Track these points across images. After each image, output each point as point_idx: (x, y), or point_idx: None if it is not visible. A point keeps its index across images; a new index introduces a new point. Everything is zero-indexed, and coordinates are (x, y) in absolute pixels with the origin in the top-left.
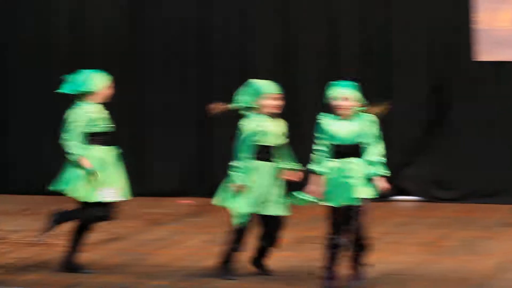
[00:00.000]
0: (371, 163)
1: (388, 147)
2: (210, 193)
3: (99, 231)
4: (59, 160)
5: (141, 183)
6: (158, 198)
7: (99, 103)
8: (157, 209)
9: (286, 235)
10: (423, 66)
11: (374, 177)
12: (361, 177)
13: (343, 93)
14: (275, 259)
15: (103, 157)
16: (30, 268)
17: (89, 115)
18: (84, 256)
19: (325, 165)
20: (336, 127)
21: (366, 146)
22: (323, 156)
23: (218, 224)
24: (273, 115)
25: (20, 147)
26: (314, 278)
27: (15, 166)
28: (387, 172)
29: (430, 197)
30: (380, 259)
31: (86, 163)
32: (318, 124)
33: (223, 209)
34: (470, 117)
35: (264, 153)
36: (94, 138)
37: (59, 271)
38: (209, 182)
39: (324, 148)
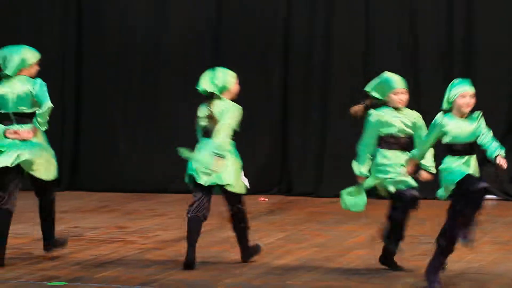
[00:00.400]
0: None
1: None
2: (286, 191)
3: (174, 229)
4: (131, 157)
5: None
6: None
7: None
8: None
9: (364, 233)
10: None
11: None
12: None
13: (471, 90)
14: (353, 256)
15: None
16: (107, 265)
17: None
18: (158, 253)
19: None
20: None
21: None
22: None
23: (292, 221)
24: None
25: (92, 145)
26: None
27: (87, 163)
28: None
29: (508, 196)
30: (458, 257)
31: None
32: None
33: (297, 206)
34: None
35: (391, 144)
36: None
37: None
38: (285, 179)
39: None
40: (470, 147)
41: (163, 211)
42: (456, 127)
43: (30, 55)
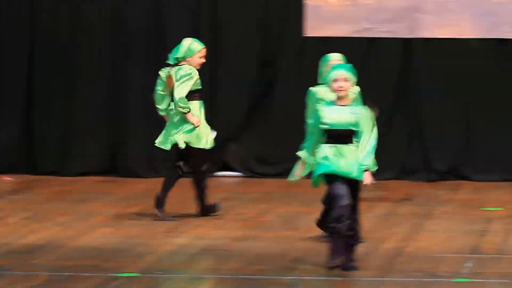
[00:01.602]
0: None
1: (214, 123)
2: (30, 170)
3: None
4: None
5: None
6: None
7: None
8: None
9: (107, 212)
10: (251, 41)
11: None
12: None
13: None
14: (96, 236)
15: None
16: None
17: None
18: None
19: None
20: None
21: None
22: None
23: (37, 200)
24: None
25: None
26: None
27: None
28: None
29: (252, 173)
30: (201, 234)
31: None
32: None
33: (41, 185)
34: (296, 93)
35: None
36: None
37: None
38: (29, 158)
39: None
40: (346, 136)
41: None
42: (331, 114)
43: None
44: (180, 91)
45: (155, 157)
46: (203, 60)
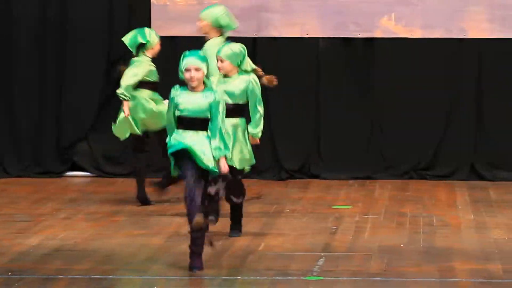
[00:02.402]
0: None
1: (63, 122)
2: None
3: None
4: None
5: None
6: None
7: None
8: None
9: None
10: (99, 40)
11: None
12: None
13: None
14: None
15: None
16: None
17: None
18: None
19: None
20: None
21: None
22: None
23: None
24: None
25: None
26: None
27: None
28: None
29: (102, 172)
30: (52, 235)
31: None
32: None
33: None
34: None
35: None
36: None
37: None
38: None
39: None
40: (198, 123)
41: None
42: (185, 100)
43: None
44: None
45: (3, 156)
46: None
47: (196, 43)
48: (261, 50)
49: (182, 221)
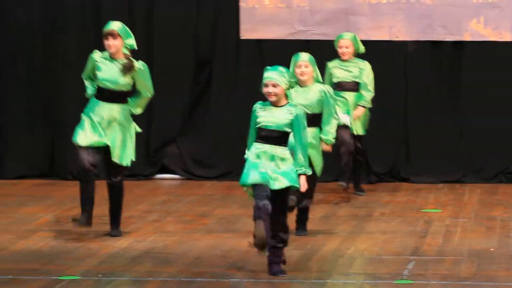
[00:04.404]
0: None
1: (151, 125)
2: None
3: None
4: None
5: None
6: None
7: None
8: None
9: (46, 215)
10: (187, 43)
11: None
12: None
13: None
14: (36, 239)
15: None
16: None
17: None
18: None
19: None
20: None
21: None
22: None
23: None
24: None
25: None
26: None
27: None
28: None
29: (191, 175)
30: (142, 237)
31: None
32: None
33: None
34: (231, 96)
35: None
36: None
37: None
38: None
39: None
40: (277, 137)
41: None
42: (265, 114)
43: None
44: None
45: None
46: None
47: (284, 46)
48: None
49: None
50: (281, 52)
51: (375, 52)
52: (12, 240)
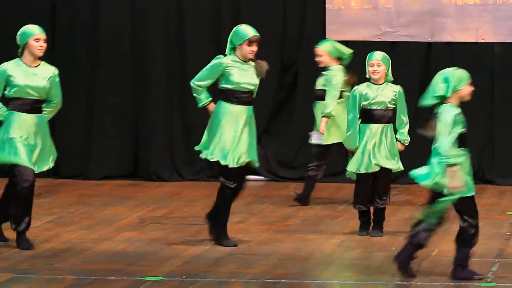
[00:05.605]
0: None
1: None
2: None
3: None
4: None
5: None
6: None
7: None
8: None
9: (131, 216)
10: (273, 45)
11: None
12: None
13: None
14: (121, 240)
15: None
16: None
17: None
18: None
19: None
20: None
21: None
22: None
23: (60, 204)
24: None
25: None
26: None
27: None
28: None
29: (276, 176)
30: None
31: None
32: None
33: (65, 189)
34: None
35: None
36: None
37: None
38: None
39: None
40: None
41: None
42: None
43: None
44: None
45: (178, 160)
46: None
47: (371, 47)
48: (436, 54)
49: (355, 225)
50: (367, 53)
51: (461, 54)
52: (96, 241)
